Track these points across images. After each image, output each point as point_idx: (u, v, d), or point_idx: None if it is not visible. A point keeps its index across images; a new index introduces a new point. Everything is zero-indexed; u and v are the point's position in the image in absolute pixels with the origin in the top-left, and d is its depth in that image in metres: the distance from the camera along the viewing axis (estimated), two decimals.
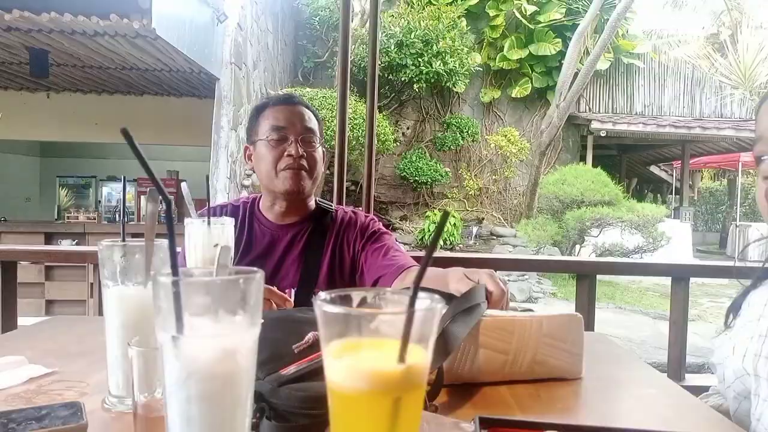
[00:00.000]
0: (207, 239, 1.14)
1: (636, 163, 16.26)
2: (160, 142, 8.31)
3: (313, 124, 1.62)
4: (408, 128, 11.98)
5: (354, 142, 7.85)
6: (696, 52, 12.13)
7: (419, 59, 10.25)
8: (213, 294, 0.52)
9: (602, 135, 11.95)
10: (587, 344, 1.26)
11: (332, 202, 2.60)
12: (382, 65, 10.13)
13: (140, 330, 0.78)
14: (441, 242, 10.25)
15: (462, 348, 0.93)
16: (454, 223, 10.47)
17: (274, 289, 1.24)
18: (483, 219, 11.78)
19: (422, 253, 4.63)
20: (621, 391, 0.98)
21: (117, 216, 7.61)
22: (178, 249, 1.03)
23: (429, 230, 10.34)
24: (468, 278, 1.19)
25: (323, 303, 0.45)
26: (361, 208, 2.54)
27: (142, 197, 7.64)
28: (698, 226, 15.63)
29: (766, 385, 0.86)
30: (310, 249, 1.61)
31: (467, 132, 11.48)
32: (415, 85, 10.54)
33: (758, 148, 0.87)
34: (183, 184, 1.27)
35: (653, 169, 16.62)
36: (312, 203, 1.69)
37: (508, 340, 0.96)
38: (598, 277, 2.15)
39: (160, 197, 0.58)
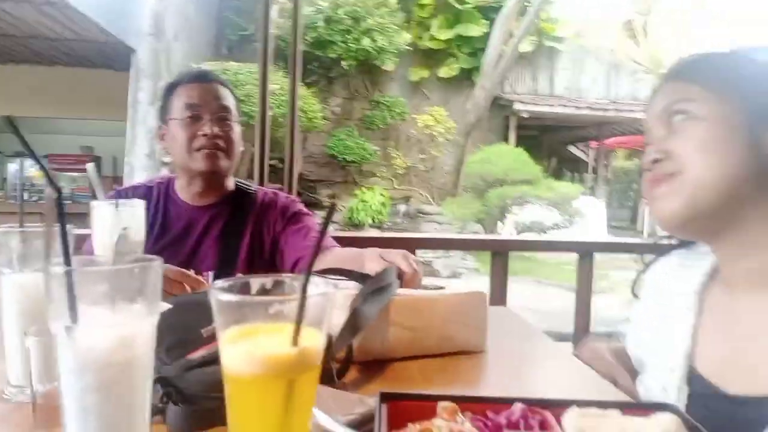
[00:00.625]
0: (115, 223, 1.11)
1: (556, 143, 16.93)
2: (72, 115, 7.86)
3: (229, 101, 1.59)
4: (337, 106, 11.89)
5: (281, 119, 7.71)
6: (614, 37, 12.70)
7: (347, 36, 10.16)
8: (109, 283, 0.52)
9: (525, 116, 12.36)
10: (495, 319, 1.33)
11: (255, 179, 2.58)
12: (310, 41, 9.97)
13: (39, 318, 0.76)
14: (370, 220, 10.34)
15: (373, 326, 0.97)
16: (383, 202, 10.57)
17: (187, 272, 1.22)
18: (411, 197, 11.95)
19: (349, 233, 4.65)
20: (521, 362, 1.05)
21: (25, 195, 7.16)
22: (88, 233, 0.99)
23: (357, 209, 10.39)
24: (383, 259, 1.22)
25: (217, 291, 0.46)
26: (284, 189, 2.53)
27: (54, 174, 7.21)
28: (612, 202, 16.54)
29: (652, 359, 0.95)
30: (228, 231, 1.59)
31: (396, 111, 11.55)
32: (343, 63, 10.46)
33: (645, 138, 0.94)
34: (89, 165, 1.22)
35: (572, 149, 17.38)
36: (231, 184, 1.67)
37: (417, 317, 1.01)
38: (520, 253, 2.26)
39: (45, 177, 0.56)
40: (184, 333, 0.81)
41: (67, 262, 0.50)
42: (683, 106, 0.84)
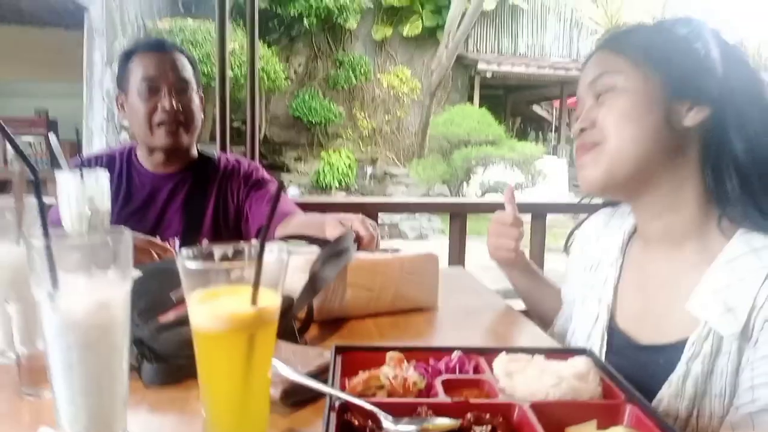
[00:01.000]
0: (81, 193, 1.14)
1: (520, 103, 17.07)
2: (23, 77, 7.56)
3: (187, 72, 1.59)
4: (300, 65, 11.70)
5: (243, 80, 7.58)
6: None
7: None
8: (85, 253, 0.57)
9: (488, 76, 12.40)
10: (451, 278, 1.43)
11: (217, 142, 2.58)
12: None
13: (16, 286, 0.81)
14: (337, 183, 10.36)
15: (332, 287, 1.04)
16: (349, 165, 10.58)
17: (154, 239, 1.27)
18: (377, 159, 11.98)
19: (312, 199, 4.69)
20: (469, 317, 1.14)
21: None
22: (52, 202, 1.03)
23: (324, 172, 10.38)
24: (342, 224, 1.29)
25: (184, 259, 0.53)
26: (247, 157, 2.55)
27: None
28: (574, 161, 16.90)
29: (580, 309, 1.06)
30: (192, 198, 1.63)
31: (360, 70, 11.44)
32: (305, 20, 10.26)
33: (577, 106, 0.99)
34: (51, 135, 1.25)
35: (536, 108, 17.56)
36: (194, 152, 1.70)
37: (373, 278, 1.09)
38: (484, 214, 2.35)
39: (21, 161, 0.61)
40: (155, 298, 0.88)
41: (46, 234, 0.55)
42: (609, 79, 0.89)
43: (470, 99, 12.66)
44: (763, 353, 0.78)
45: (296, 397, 0.72)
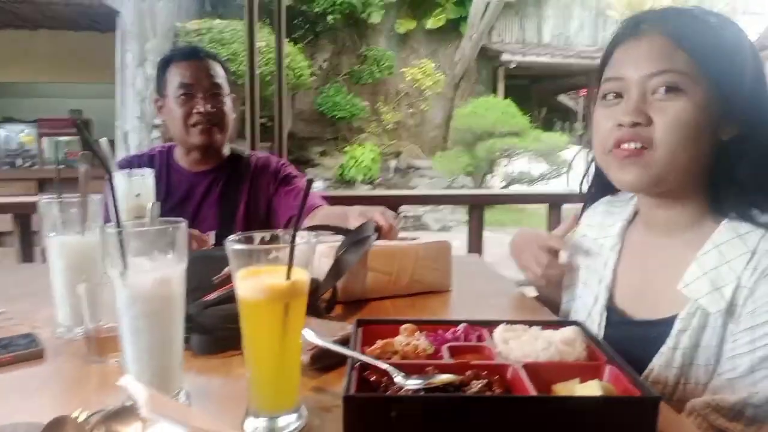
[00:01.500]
0: (129, 191, 1.27)
1: (546, 93, 16.92)
2: (59, 79, 7.86)
3: (220, 78, 1.73)
4: (324, 61, 11.85)
5: (269, 77, 7.74)
6: None
7: None
8: (149, 240, 0.70)
9: (512, 66, 12.35)
10: (466, 265, 1.54)
11: (246, 139, 2.72)
12: None
13: (82, 271, 0.94)
14: (361, 176, 10.49)
15: (354, 271, 1.16)
16: (373, 158, 10.69)
17: (194, 231, 1.40)
18: (401, 152, 12.07)
19: (337, 193, 4.80)
20: (480, 299, 1.25)
21: (18, 161, 7.20)
22: (102, 199, 1.16)
23: (348, 166, 10.51)
24: (364, 215, 1.41)
25: (232, 243, 0.65)
26: (274, 153, 2.68)
27: (45, 139, 7.24)
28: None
29: (582, 289, 1.14)
30: (226, 194, 1.76)
31: (383, 65, 11.52)
32: (329, 17, 10.38)
33: (610, 85, 0.94)
34: (103, 139, 1.38)
35: (562, 98, 17.39)
36: (226, 150, 1.83)
37: (392, 264, 1.20)
38: (509, 205, 2.42)
39: (100, 164, 0.73)
40: (200, 280, 1.00)
41: (118, 224, 0.68)
42: (673, 79, 0.86)
43: (494, 90, 12.64)
44: (744, 326, 0.86)
45: (323, 362, 0.83)
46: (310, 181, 0.66)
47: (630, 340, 0.96)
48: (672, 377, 0.92)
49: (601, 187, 1.15)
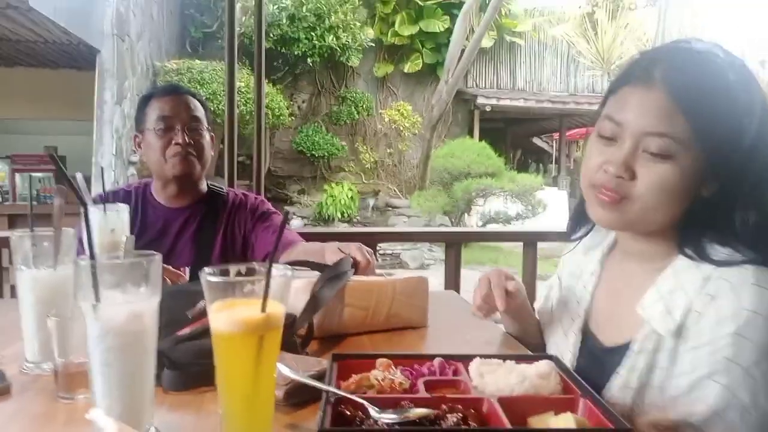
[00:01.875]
0: (104, 225, 1.26)
1: (520, 136, 17.33)
2: (36, 116, 7.80)
3: (199, 112, 1.74)
4: (303, 102, 11.98)
5: (248, 117, 7.80)
6: (572, 30, 13.04)
7: (312, 33, 10.27)
8: (122, 273, 0.69)
9: (488, 110, 12.66)
10: (443, 301, 1.54)
11: (224, 177, 2.72)
12: (275, 38, 10.04)
13: (52, 306, 0.93)
14: (339, 215, 10.51)
15: (330, 307, 1.16)
16: (351, 197, 10.74)
17: (168, 267, 1.39)
18: (379, 191, 12.14)
19: (314, 230, 4.81)
20: (455, 334, 1.25)
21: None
22: (75, 233, 1.15)
23: (326, 204, 10.53)
24: (341, 251, 1.41)
25: (207, 275, 0.65)
26: (252, 191, 2.68)
27: (18, 175, 7.12)
28: (575, 192, 17.07)
29: (561, 311, 1.15)
30: (203, 230, 1.76)
31: (362, 106, 11.70)
32: (308, 59, 10.55)
33: (608, 125, 0.93)
34: (78, 174, 1.37)
35: (536, 140, 17.83)
36: (203, 186, 1.83)
37: (368, 299, 1.20)
38: (486, 243, 2.44)
39: (75, 196, 0.73)
40: (172, 315, 0.99)
41: (92, 257, 0.67)
42: (667, 145, 0.86)
43: (470, 132, 12.88)
44: (690, 346, 0.87)
45: (297, 398, 0.82)
46: (286, 215, 0.67)
47: (597, 366, 0.99)
48: (629, 399, 0.92)
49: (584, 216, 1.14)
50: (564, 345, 1.07)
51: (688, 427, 0.83)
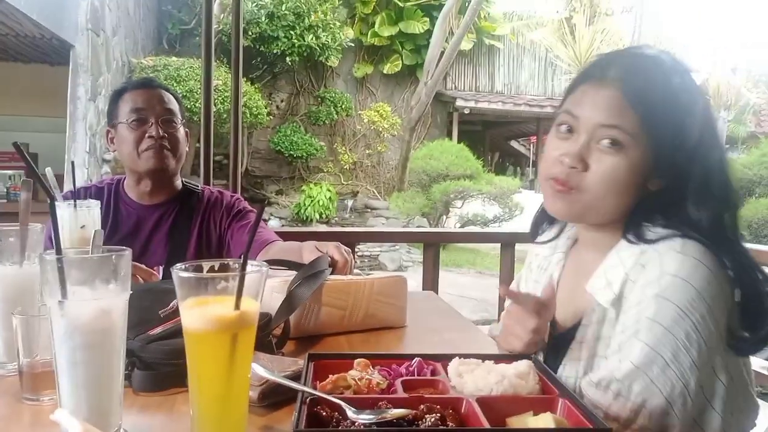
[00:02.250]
0: (74, 221, 1.23)
1: (498, 138, 17.47)
2: (5, 112, 7.60)
3: (173, 105, 1.70)
4: (282, 101, 11.90)
5: (225, 115, 7.70)
6: (551, 35, 13.19)
7: (291, 32, 10.20)
8: (90, 268, 0.67)
9: (466, 112, 12.73)
10: (422, 302, 1.53)
11: (200, 176, 2.68)
12: (253, 36, 9.95)
13: (18, 303, 0.89)
14: (317, 216, 10.47)
15: (307, 306, 1.14)
16: (330, 198, 10.69)
17: (140, 265, 1.35)
18: (358, 192, 12.11)
19: (293, 229, 4.78)
20: (435, 334, 1.24)
21: None
22: (45, 229, 1.11)
23: (305, 204, 10.47)
24: (318, 249, 1.39)
25: (179, 271, 0.63)
26: (228, 185, 2.64)
27: None
28: (540, 185, 17.23)
29: None
30: (177, 228, 1.72)
31: (341, 106, 11.66)
32: (287, 58, 10.48)
33: (566, 118, 0.98)
34: (48, 170, 1.33)
35: (513, 143, 17.99)
36: (178, 183, 1.79)
37: (346, 298, 1.18)
38: (463, 245, 2.45)
39: (42, 189, 0.70)
40: (143, 314, 0.96)
41: (59, 252, 0.64)
42: (619, 135, 0.92)
43: (449, 134, 12.94)
44: (624, 309, 0.93)
45: (272, 399, 0.80)
46: (262, 207, 0.65)
47: (554, 347, 1.06)
48: (581, 370, 0.99)
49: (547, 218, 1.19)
50: None
51: (613, 381, 0.87)
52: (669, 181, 0.95)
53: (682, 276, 0.87)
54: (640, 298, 0.90)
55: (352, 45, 11.76)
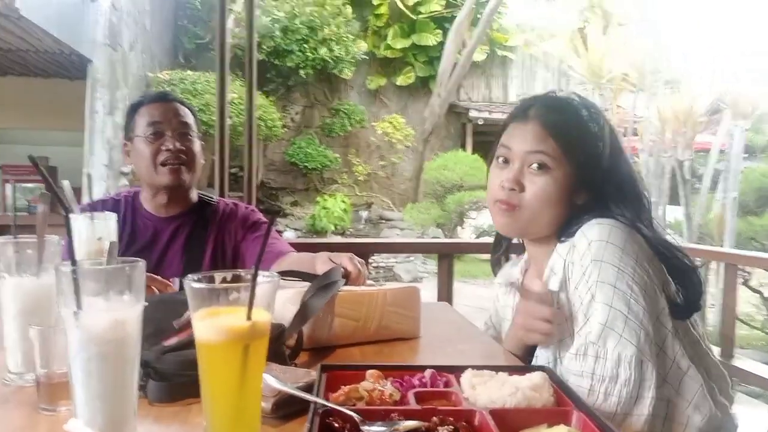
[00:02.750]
0: (91, 233, 1.24)
1: None
2: (26, 125, 7.74)
3: (189, 118, 1.72)
4: (296, 114, 12.00)
5: (241, 128, 7.76)
6: (563, 45, 13.15)
7: (305, 45, 10.31)
8: (105, 279, 0.67)
9: (480, 123, 12.72)
10: (436, 312, 1.53)
11: (216, 188, 2.70)
12: (268, 50, 10.06)
13: (36, 315, 0.90)
14: (332, 227, 10.49)
15: (321, 317, 1.14)
16: (345, 209, 10.72)
17: (156, 276, 1.36)
18: (372, 203, 12.13)
19: (306, 240, 4.79)
20: (448, 345, 1.23)
21: None
22: (62, 241, 1.13)
23: (319, 216, 10.50)
24: (332, 261, 1.39)
25: (191, 282, 0.63)
26: (244, 197, 2.66)
27: (7, 185, 7.06)
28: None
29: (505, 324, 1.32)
30: (192, 240, 1.73)
31: (355, 118, 11.73)
32: (301, 71, 10.58)
33: (502, 151, 1.19)
34: (65, 182, 1.35)
35: None
36: (194, 196, 1.81)
37: (359, 309, 1.18)
38: (478, 256, 2.44)
39: (58, 202, 0.71)
40: (159, 325, 0.97)
41: (74, 263, 0.65)
42: (544, 160, 1.13)
43: (463, 145, 12.93)
44: (572, 287, 1.09)
45: (285, 410, 0.80)
46: (273, 217, 0.65)
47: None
48: (551, 355, 1.14)
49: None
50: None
51: (589, 345, 1.00)
52: (591, 193, 1.15)
53: (604, 239, 1.05)
54: (581, 269, 1.06)
55: (366, 57, 11.85)
